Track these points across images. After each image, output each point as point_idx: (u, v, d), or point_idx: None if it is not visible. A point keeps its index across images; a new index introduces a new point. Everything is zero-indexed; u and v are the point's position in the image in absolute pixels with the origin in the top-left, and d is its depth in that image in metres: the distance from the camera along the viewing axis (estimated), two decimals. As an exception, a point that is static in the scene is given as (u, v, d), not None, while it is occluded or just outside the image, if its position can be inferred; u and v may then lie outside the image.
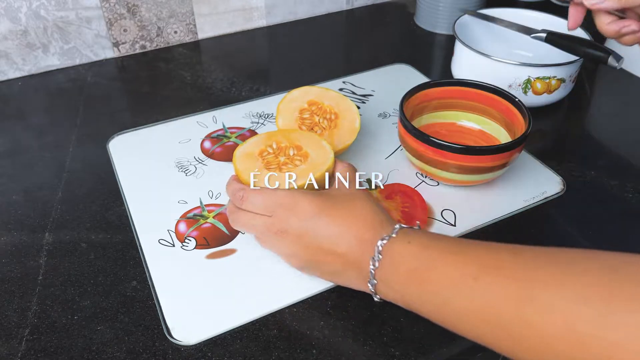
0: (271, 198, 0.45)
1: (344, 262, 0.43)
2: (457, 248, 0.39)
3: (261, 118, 0.67)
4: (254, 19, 0.88)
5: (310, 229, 0.43)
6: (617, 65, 0.60)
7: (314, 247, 0.43)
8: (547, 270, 0.33)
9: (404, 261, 0.40)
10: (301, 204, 0.44)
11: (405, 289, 0.40)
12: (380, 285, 0.41)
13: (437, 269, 0.38)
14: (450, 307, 0.37)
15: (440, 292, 0.37)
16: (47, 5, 0.73)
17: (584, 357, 0.30)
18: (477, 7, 0.85)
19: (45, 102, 0.72)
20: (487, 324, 0.35)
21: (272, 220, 0.45)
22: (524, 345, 0.33)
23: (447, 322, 0.38)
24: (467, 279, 0.36)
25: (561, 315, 0.31)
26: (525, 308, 0.33)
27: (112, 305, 0.46)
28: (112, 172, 0.60)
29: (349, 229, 0.42)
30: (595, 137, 0.68)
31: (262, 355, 0.42)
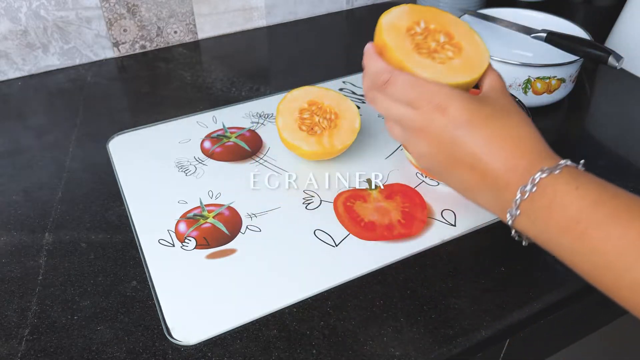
0: (422, 91, 0.39)
1: (483, 182, 0.38)
2: (636, 207, 0.34)
3: (261, 118, 0.67)
4: (254, 19, 0.88)
5: (455, 137, 0.38)
6: (617, 65, 0.60)
7: (453, 157, 0.39)
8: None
9: (564, 207, 0.35)
10: (454, 107, 0.38)
11: (556, 236, 0.36)
12: (522, 218, 0.37)
13: (607, 232, 0.34)
14: (622, 277, 0.33)
15: (607, 255, 0.34)
16: (47, 5, 0.73)
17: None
18: (477, 7, 0.85)
19: (45, 102, 0.72)
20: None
21: (415, 116, 0.39)
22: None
23: (607, 286, 0.35)
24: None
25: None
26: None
27: (112, 305, 0.46)
28: (112, 172, 0.60)
29: (501, 150, 0.38)
30: (595, 137, 0.68)
31: (262, 355, 0.42)
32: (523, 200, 0.37)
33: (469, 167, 0.39)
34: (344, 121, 0.58)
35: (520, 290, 0.47)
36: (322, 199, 0.56)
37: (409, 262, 0.50)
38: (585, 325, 0.61)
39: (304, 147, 0.57)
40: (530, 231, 0.38)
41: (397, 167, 0.60)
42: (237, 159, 0.61)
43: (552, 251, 0.37)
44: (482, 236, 0.52)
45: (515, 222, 0.38)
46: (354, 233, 0.52)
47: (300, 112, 0.58)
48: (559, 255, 0.37)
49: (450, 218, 0.54)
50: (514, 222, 0.38)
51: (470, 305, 0.46)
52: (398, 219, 0.54)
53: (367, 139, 0.64)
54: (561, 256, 0.37)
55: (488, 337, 0.44)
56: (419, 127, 0.40)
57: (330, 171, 0.59)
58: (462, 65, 0.41)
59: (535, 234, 0.38)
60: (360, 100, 0.71)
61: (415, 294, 0.47)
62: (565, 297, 0.47)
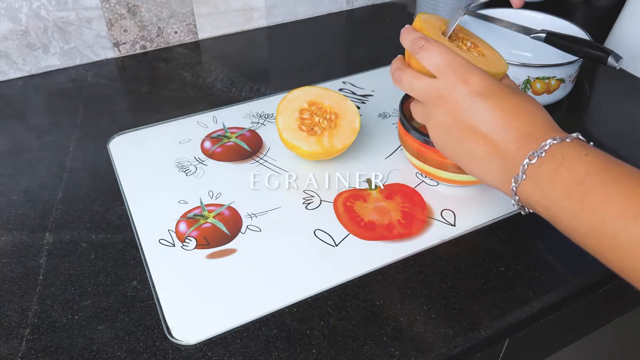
0: (450, 59, 0.43)
1: (494, 151, 0.41)
2: (636, 174, 0.36)
3: (261, 118, 0.68)
4: (254, 19, 0.88)
5: (473, 105, 0.41)
6: (616, 65, 0.61)
7: (467, 125, 0.42)
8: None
9: (571, 170, 0.37)
10: (476, 77, 0.42)
11: (558, 198, 0.37)
12: (527, 183, 0.39)
13: (608, 193, 0.35)
14: (617, 235, 0.34)
15: (605, 214, 0.35)
16: (47, 6, 0.73)
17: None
18: (477, 7, 0.85)
19: (45, 102, 0.72)
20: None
21: (438, 84, 0.43)
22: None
23: (601, 247, 0.36)
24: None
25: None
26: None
27: (112, 305, 0.46)
28: (113, 172, 0.60)
29: (516, 120, 0.40)
30: (595, 137, 0.68)
31: (262, 355, 0.42)
32: (530, 164, 0.38)
33: (482, 137, 0.41)
34: (344, 121, 0.58)
35: (520, 290, 0.47)
36: (322, 199, 0.56)
37: (409, 262, 0.50)
38: (585, 325, 0.61)
39: (304, 147, 0.57)
40: (533, 196, 0.39)
41: (397, 167, 0.60)
42: (237, 159, 0.61)
43: (551, 216, 0.38)
44: (482, 236, 0.52)
45: (520, 187, 0.40)
46: (353, 233, 0.52)
47: (300, 112, 0.58)
48: (557, 220, 0.38)
49: (449, 218, 0.54)
50: (518, 188, 0.40)
51: (470, 305, 0.46)
52: (398, 218, 0.54)
53: (367, 139, 0.64)
54: (560, 220, 0.38)
55: (488, 336, 0.44)
56: (440, 96, 0.43)
57: (330, 171, 0.59)
58: (487, 63, 0.47)
59: (538, 199, 0.39)
60: (360, 100, 0.71)
61: (415, 294, 0.47)
62: (565, 297, 0.48)
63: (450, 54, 0.43)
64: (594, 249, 0.37)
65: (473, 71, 0.42)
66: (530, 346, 0.55)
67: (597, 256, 0.37)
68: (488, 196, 0.56)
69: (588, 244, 0.37)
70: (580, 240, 0.38)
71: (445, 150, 0.46)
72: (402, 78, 0.46)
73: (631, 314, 0.62)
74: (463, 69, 0.42)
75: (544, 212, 0.39)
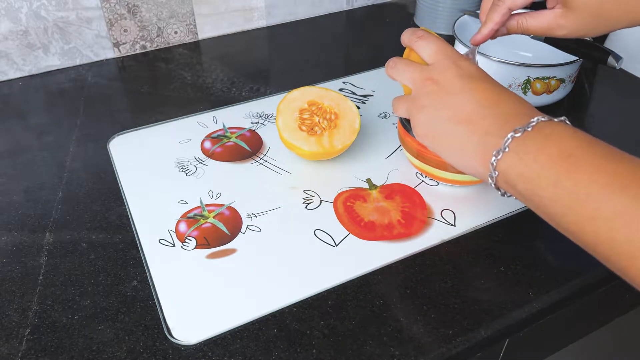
0: (444, 48, 0.45)
1: (475, 127, 0.41)
2: (625, 154, 0.35)
3: (261, 118, 0.68)
4: (254, 20, 0.88)
5: (462, 85, 0.42)
6: (616, 65, 0.61)
7: (452, 106, 0.42)
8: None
9: (560, 143, 0.36)
10: (467, 62, 0.44)
11: (542, 168, 0.36)
12: (510, 155, 0.38)
13: (596, 165, 0.35)
14: (601, 207, 0.33)
15: (590, 186, 0.34)
16: (47, 6, 0.73)
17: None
18: (477, 8, 0.85)
19: (45, 102, 0.72)
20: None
21: (430, 67, 0.45)
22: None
23: (582, 220, 0.35)
24: (634, 185, 0.33)
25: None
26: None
27: (112, 305, 0.46)
28: (113, 172, 0.60)
29: (502, 100, 0.41)
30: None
31: (262, 355, 0.42)
32: (515, 137, 0.38)
33: (465, 116, 0.41)
34: (344, 121, 0.58)
35: (520, 290, 0.47)
36: (322, 199, 0.56)
37: (409, 262, 0.50)
38: (585, 325, 0.61)
39: (304, 147, 0.57)
40: (514, 168, 0.38)
41: (397, 167, 0.60)
42: (237, 159, 0.61)
43: (532, 190, 0.37)
44: (481, 236, 0.52)
45: (501, 160, 0.39)
46: (354, 233, 0.52)
47: (300, 112, 0.58)
48: (538, 194, 0.37)
49: (449, 218, 0.54)
50: (499, 161, 0.39)
51: (470, 305, 0.46)
52: (398, 218, 0.54)
53: (367, 139, 0.64)
54: (540, 194, 0.37)
55: (488, 336, 0.44)
56: (431, 78, 0.44)
57: (330, 171, 0.59)
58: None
59: (520, 171, 0.38)
60: (360, 100, 0.71)
61: (415, 294, 0.47)
62: (565, 297, 0.48)
63: (445, 46, 0.45)
64: (570, 224, 0.36)
65: (465, 60, 0.44)
66: (530, 346, 0.55)
67: (570, 232, 0.36)
68: (488, 196, 0.56)
69: (566, 219, 0.36)
70: (559, 215, 0.36)
71: (425, 135, 0.45)
72: (397, 64, 0.48)
73: (631, 314, 0.62)
74: (457, 57, 0.44)
75: (524, 186, 0.38)
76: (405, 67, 0.47)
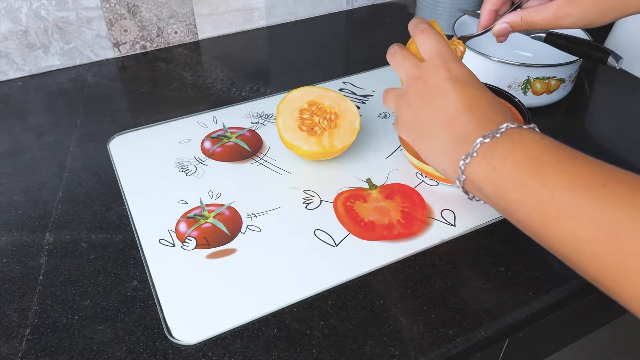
0: (442, 49, 0.46)
1: (450, 130, 0.42)
2: (592, 159, 0.37)
3: (261, 118, 0.68)
4: (254, 20, 0.88)
5: (447, 88, 0.44)
6: (616, 65, 0.61)
7: (435, 107, 0.44)
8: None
9: (527, 149, 0.38)
10: (458, 67, 0.45)
11: (510, 172, 0.37)
12: (478, 160, 0.39)
13: (560, 168, 0.36)
14: (564, 208, 0.34)
15: (554, 188, 0.35)
16: (47, 6, 0.73)
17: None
18: (477, 8, 0.85)
19: (45, 102, 0.72)
20: (606, 234, 0.33)
21: (423, 65, 0.46)
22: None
23: (547, 220, 0.36)
24: (596, 185, 0.34)
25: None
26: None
27: (112, 305, 0.46)
28: (113, 172, 0.60)
29: (480, 106, 0.42)
30: (594, 138, 0.68)
31: (262, 355, 0.42)
32: (484, 142, 0.39)
33: (445, 118, 0.43)
34: (344, 121, 0.58)
35: (520, 290, 0.47)
36: (322, 199, 0.56)
37: (409, 262, 0.50)
38: (585, 325, 0.61)
39: (304, 147, 0.57)
40: (481, 172, 0.39)
41: (397, 167, 0.60)
42: (237, 159, 0.61)
43: (498, 193, 0.39)
44: (481, 236, 0.52)
45: (469, 165, 0.40)
46: (354, 233, 0.52)
47: (300, 112, 0.58)
48: (503, 197, 0.38)
49: (449, 218, 0.54)
50: (467, 165, 0.40)
51: (470, 305, 0.46)
52: (398, 218, 0.54)
53: (367, 139, 0.64)
54: (506, 196, 0.38)
55: (487, 336, 0.44)
56: (421, 75, 0.45)
57: (330, 171, 0.59)
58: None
59: (487, 175, 0.39)
60: (360, 100, 0.71)
61: (415, 294, 0.47)
62: (565, 297, 0.48)
63: (443, 46, 0.46)
64: (535, 225, 0.37)
65: (457, 63, 0.45)
66: (530, 346, 0.55)
67: (535, 234, 0.37)
68: (488, 196, 0.56)
69: (531, 221, 0.37)
70: (524, 217, 0.37)
71: (405, 131, 0.47)
72: (397, 53, 0.49)
73: (631, 313, 0.62)
74: (449, 59, 0.45)
75: (490, 189, 0.39)
76: (402, 60, 0.48)
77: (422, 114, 0.45)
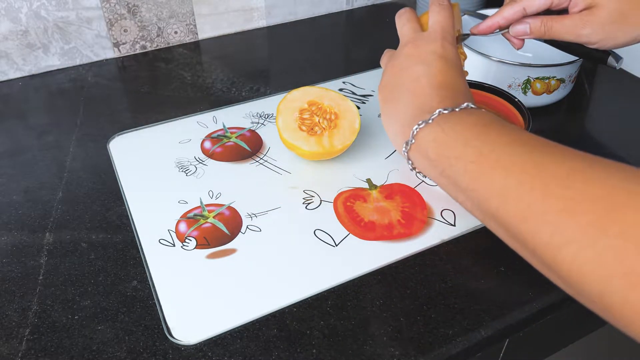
0: (448, 24, 0.48)
1: (416, 99, 0.44)
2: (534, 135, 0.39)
3: (261, 118, 0.68)
4: (254, 20, 0.88)
5: (431, 61, 0.46)
6: (616, 65, 0.60)
7: (414, 75, 0.46)
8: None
9: (479, 117, 0.40)
10: (452, 48, 0.47)
11: (457, 133, 0.40)
12: (431, 125, 0.41)
13: (508, 131, 0.38)
14: (500, 160, 0.36)
15: (495, 145, 0.37)
16: (47, 6, 0.73)
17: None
18: (477, 8, 0.85)
19: (45, 102, 0.72)
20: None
21: (422, 34, 0.48)
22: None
23: (480, 175, 0.37)
24: (536, 144, 0.36)
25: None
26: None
27: (112, 305, 0.46)
28: (113, 172, 0.60)
29: (452, 88, 0.45)
30: (594, 138, 0.68)
31: (262, 355, 0.42)
32: (443, 112, 0.42)
33: (417, 87, 0.45)
34: (344, 121, 0.58)
35: (520, 290, 0.47)
36: (322, 199, 0.56)
37: (409, 262, 0.50)
38: (585, 325, 0.61)
39: (304, 147, 0.57)
40: (430, 135, 0.41)
41: (397, 167, 0.60)
42: (237, 159, 0.61)
43: (439, 153, 0.41)
44: (481, 236, 0.52)
45: (422, 130, 0.42)
46: (354, 233, 0.52)
47: (300, 112, 0.58)
48: (445, 153, 0.40)
49: (449, 218, 0.54)
50: (419, 130, 0.42)
51: (470, 305, 0.46)
52: (398, 218, 0.54)
53: (367, 139, 0.64)
54: (447, 152, 0.40)
55: (487, 336, 0.44)
56: (415, 40, 0.48)
57: (330, 171, 0.59)
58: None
59: (435, 137, 0.41)
60: (360, 100, 0.71)
61: (415, 294, 0.47)
62: (565, 297, 0.47)
63: (449, 25, 0.48)
64: (467, 182, 0.38)
65: (452, 45, 0.47)
66: (530, 346, 0.55)
67: (465, 191, 0.39)
68: (488, 196, 0.56)
69: (464, 178, 0.39)
70: (460, 172, 0.39)
71: (381, 89, 0.49)
72: (404, 14, 0.51)
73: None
74: (448, 38, 0.47)
75: (434, 150, 0.41)
76: (406, 21, 0.50)
77: (401, 77, 0.47)
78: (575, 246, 0.31)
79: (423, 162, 0.43)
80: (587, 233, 0.30)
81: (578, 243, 0.30)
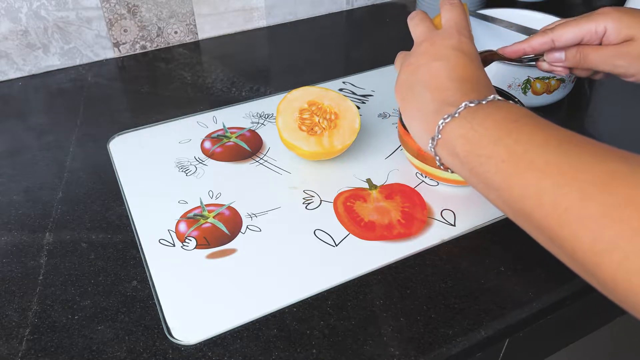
0: (462, 19, 0.47)
1: (439, 94, 0.43)
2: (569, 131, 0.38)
3: (261, 118, 0.68)
4: (254, 19, 0.88)
5: (449, 55, 0.44)
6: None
7: (430, 73, 0.44)
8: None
9: (509, 112, 0.39)
10: (469, 43, 0.46)
11: (487, 129, 0.38)
12: (457, 120, 0.40)
13: (541, 127, 0.37)
14: (534, 161, 0.35)
15: (529, 145, 0.36)
16: (47, 6, 0.73)
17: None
18: (477, 8, 0.85)
19: (45, 102, 0.72)
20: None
21: (437, 31, 0.47)
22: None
23: (513, 178, 0.36)
24: (570, 145, 0.35)
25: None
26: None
27: (112, 305, 0.46)
28: (113, 172, 0.60)
29: (474, 80, 0.43)
30: (595, 138, 0.67)
31: (262, 355, 0.42)
32: (469, 106, 0.40)
33: (438, 83, 0.43)
34: (344, 121, 0.58)
35: (520, 290, 0.47)
36: (322, 199, 0.56)
37: (409, 262, 0.50)
38: (585, 324, 0.61)
39: (304, 147, 0.57)
40: (459, 130, 0.40)
41: (397, 167, 0.60)
42: (237, 159, 0.61)
43: (469, 151, 0.39)
44: (481, 236, 0.52)
45: (448, 123, 0.40)
46: (353, 233, 0.52)
47: (300, 112, 0.58)
48: (475, 151, 0.38)
49: (449, 218, 0.54)
50: (445, 124, 0.40)
51: (470, 305, 0.46)
52: (398, 218, 0.54)
53: (367, 139, 0.64)
54: (478, 150, 0.38)
55: (488, 336, 0.44)
56: (430, 37, 0.47)
57: (330, 171, 0.59)
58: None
59: (464, 132, 0.39)
60: (360, 100, 0.71)
61: (415, 294, 0.47)
62: (565, 297, 0.48)
63: (464, 20, 0.47)
64: (500, 181, 0.37)
65: (470, 38, 0.46)
66: (530, 346, 0.55)
67: (498, 190, 0.37)
68: (488, 196, 0.56)
69: (496, 177, 0.37)
70: (490, 172, 0.37)
71: (398, 89, 0.47)
72: (417, 15, 0.50)
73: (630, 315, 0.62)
74: (465, 32, 0.46)
75: (463, 147, 0.39)
76: (419, 22, 0.49)
77: (418, 74, 0.45)
78: (619, 254, 0.29)
79: (451, 159, 0.41)
80: (633, 240, 0.29)
81: (623, 250, 0.29)
